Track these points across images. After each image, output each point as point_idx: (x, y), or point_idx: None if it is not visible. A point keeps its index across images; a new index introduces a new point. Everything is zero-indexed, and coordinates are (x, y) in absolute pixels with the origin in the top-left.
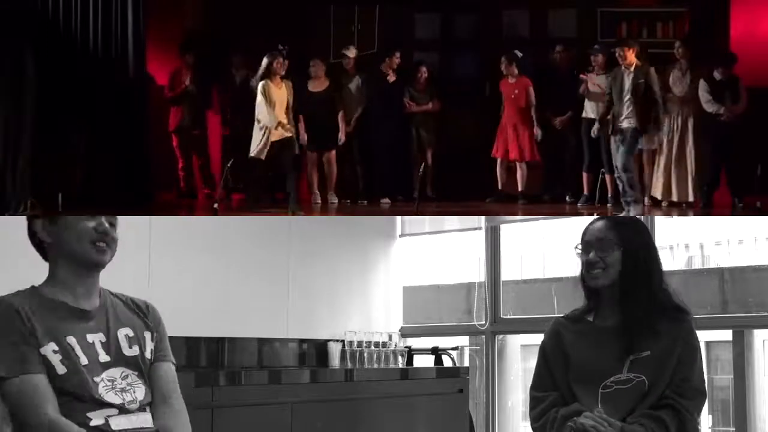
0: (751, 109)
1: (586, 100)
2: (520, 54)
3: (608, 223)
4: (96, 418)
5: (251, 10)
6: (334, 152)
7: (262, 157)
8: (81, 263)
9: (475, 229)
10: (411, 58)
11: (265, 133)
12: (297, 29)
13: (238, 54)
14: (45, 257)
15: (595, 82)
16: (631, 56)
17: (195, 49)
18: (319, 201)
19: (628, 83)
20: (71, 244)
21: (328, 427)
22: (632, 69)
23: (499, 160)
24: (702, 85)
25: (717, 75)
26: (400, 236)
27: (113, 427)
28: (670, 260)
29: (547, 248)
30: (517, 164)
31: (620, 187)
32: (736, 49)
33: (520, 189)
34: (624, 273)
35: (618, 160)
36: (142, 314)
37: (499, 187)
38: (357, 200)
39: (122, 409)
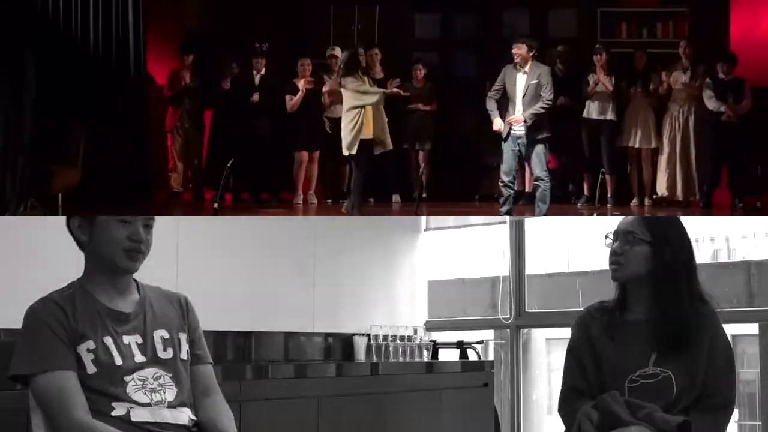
0: (751, 108)
1: (588, 101)
2: None
3: (640, 218)
4: (119, 408)
5: (251, 10)
6: (318, 152)
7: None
8: (111, 268)
9: (500, 223)
10: (411, 57)
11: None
12: (297, 29)
13: (232, 53)
14: (83, 250)
15: (604, 81)
16: (526, 55)
17: (194, 49)
18: (301, 201)
19: (522, 85)
20: (103, 249)
21: (354, 421)
22: (527, 69)
23: None
24: (707, 83)
25: (721, 75)
26: (425, 230)
27: (133, 419)
28: (696, 254)
29: (572, 242)
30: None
31: (538, 200)
32: (736, 49)
33: (526, 189)
34: (653, 268)
35: (534, 166)
36: (179, 313)
37: (516, 187)
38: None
39: (147, 407)
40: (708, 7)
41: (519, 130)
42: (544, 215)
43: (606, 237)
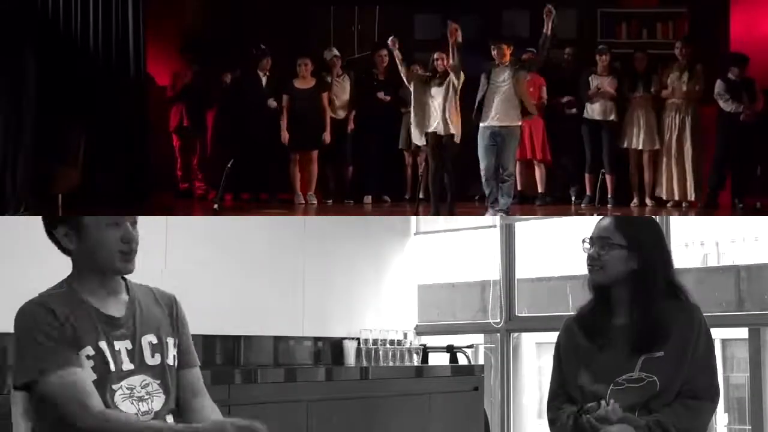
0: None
1: (589, 103)
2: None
3: (614, 222)
4: None
5: (251, 10)
6: (315, 152)
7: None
8: (104, 271)
9: (490, 227)
10: (411, 58)
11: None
12: (297, 29)
13: (232, 53)
14: (69, 256)
15: (605, 84)
16: (509, 54)
17: (195, 50)
18: (303, 202)
19: (506, 79)
20: (96, 255)
21: (344, 425)
22: (507, 65)
23: (517, 162)
24: (719, 84)
25: (731, 76)
26: (415, 234)
27: None
28: (686, 258)
29: (562, 246)
30: (536, 164)
31: (501, 194)
32: (736, 49)
33: (540, 190)
34: (633, 273)
35: (507, 161)
36: (168, 315)
37: (519, 187)
38: (344, 200)
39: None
40: (708, 7)
41: (496, 125)
42: (506, 210)
43: (583, 242)
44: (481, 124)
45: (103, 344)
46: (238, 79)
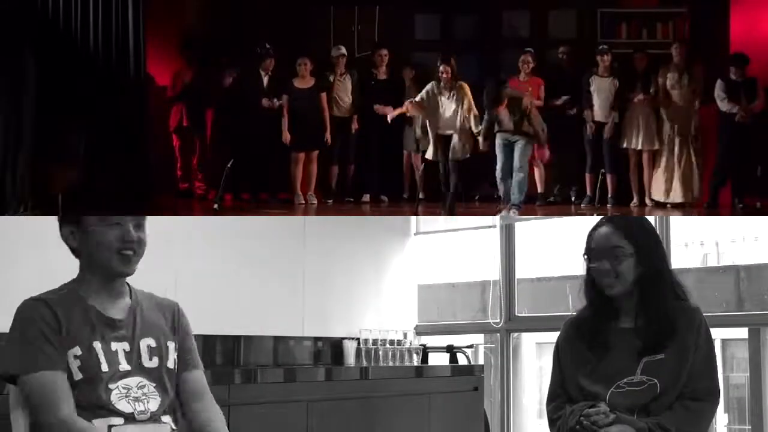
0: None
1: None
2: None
3: (618, 230)
4: (99, 426)
5: (251, 10)
6: (315, 152)
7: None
8: (106, 272)
9: (490, 227)
10: (411, 58)
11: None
12: (297, 29)
13: (232, 53)
14: (77, 257)
15: (603, 86)
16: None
17: (195, 49)
18: (303, 202)
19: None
20: (96, 255)
21: (343, 425)
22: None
23: None
24: (718, 84)
25: (732, 76)
26: (415, 234)
27: None
28: (686, 258)
29: (562, 246)
30: (535, 164)
31: (512, 189)
32: (736, 49)
33: (539, 190)
34: (640, 278)
35: (517, 160)
36: (170, 320)
37: None
38: (344, 200)
39: (130, 419)
40: (708, 7)
41: (508, 132)
42: (518, 204)
43: (584, 256)
44: (496, 131)
45: (97, 345)
46: (238, 79)
